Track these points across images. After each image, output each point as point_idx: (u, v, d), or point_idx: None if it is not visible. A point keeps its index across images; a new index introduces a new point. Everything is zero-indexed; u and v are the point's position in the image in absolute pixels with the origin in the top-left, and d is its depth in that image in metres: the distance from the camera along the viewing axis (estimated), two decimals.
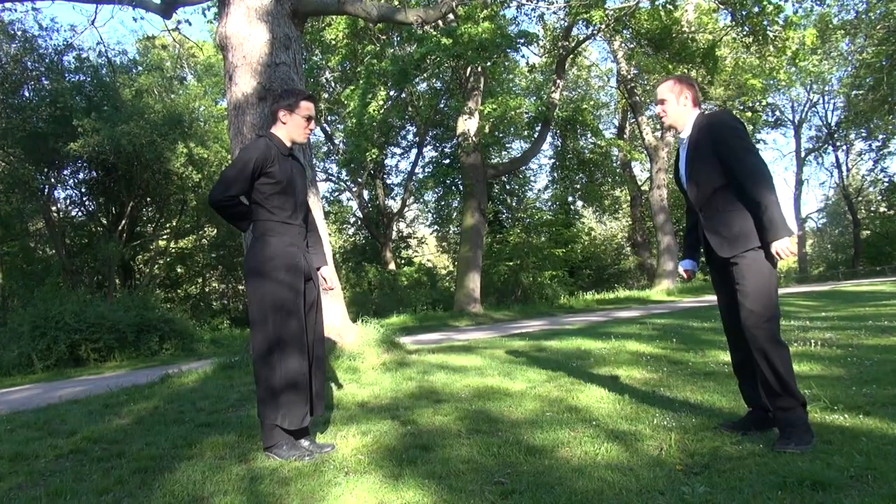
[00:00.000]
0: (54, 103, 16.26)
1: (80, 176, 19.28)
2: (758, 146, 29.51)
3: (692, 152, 3.19)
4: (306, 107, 3.44)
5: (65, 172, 18.66)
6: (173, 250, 23.04)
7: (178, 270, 24.23)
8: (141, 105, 16.63)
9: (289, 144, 3.47)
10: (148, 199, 20.01)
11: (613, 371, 5.16)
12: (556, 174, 28.50)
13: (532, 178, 30.74)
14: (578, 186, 28.41)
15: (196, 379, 6.05)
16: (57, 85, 16.62)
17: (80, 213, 20.39)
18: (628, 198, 31.13)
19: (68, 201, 20.12)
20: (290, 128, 3.44)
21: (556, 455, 3.00)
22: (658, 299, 20.12)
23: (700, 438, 3.09)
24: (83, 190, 19.66)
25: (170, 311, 15.42)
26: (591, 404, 3.99)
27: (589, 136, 25.23)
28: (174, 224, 21.73)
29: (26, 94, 17.08)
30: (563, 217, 27.46)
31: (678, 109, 3.26)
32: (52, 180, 18.29)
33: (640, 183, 30.37)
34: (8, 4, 14.10)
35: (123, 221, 19.03)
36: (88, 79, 17.51)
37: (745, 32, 17.93)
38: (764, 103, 29.12)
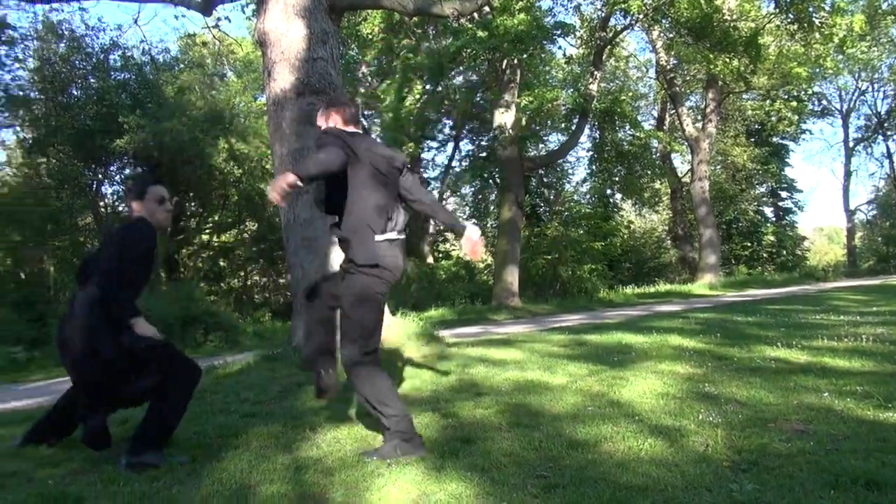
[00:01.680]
0: (101, 101, 16.69)
1: (126, 172, 19.77)
2: (803, 136, 28.65)
3: None
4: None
5: (111, 168, 19.15)
6: (216, 244, 23.48)
7: (221, 264, 24.65)
8: (183, 102, 16.96)
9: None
10: (191, 194, 20.40)
11: (656, 366, 5.09)
12: (594, 166, 28.14)
13: (570, 171, 30.39)
14: (617, 179, 27.99)
15: (240, 370, 6.17)
16: (103, 83, 17.06)
17: (126, 208, 20.88)
18: (668, 190, 30.56)
19: (115, 197, 20.68)
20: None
21: (599, 450, 2.98)
22: (700, 293, 19.76)
23: (747, 435, 3.04)
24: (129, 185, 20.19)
25: (214, 304, 15.75)
26: (634, 399, 3.95)
27: (627, 127, 24.84)
28: (216, 218, 22.14)
29: (74, 92, 17.56)
30: (602, 210, 27.10)
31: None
32: (100, 176, 18.79)
33: (680, 175, 29.80)
34: (55, 5, 14.52)
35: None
36: (133, 77, 17.92)
37: (789, 19, 17.42)
38: (810, 92, 28.27)
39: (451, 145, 27.29)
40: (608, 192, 29.44)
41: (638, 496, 2.35)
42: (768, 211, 32.66)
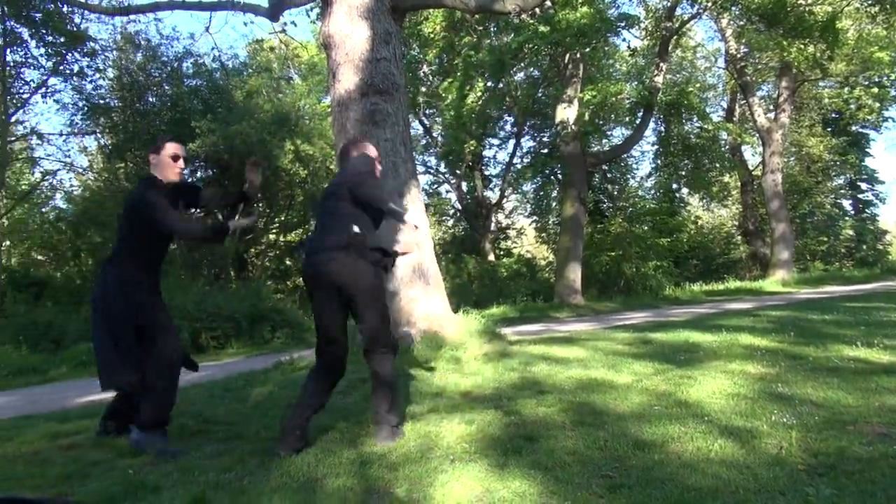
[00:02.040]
0: (174, 107, 17.39)
1: (199, 175, 20.52)
2: (885, 124, 27.11)
3: None
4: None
5: (185, 172, 19.92)
6: (282, 243, 24.10)
7: (287, 263, 25.29)
8: (251, 105, 17.47)
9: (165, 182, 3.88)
10: (258, 195, 21.00)
11: (725, 365, 4.93)
12: (659, 161, 27.46)
13: (634, 166, 29.69)
14: (684, 173, 27.22)
15: (306, 366, 6.31)
16: (177, 90, 17.76)
17: (198, 210, 21.68)
18: (738, 184, 29.53)
19: None
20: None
21: (666, 450, 2.91)
22: (773, 290, 19.04)
23: (824, 438, 2.91)
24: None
25: (280, 302, 16.17)
26: (702, 399, 3.84)
27: (695, 120, 24.11)
28: (283, 218, 22.72)
29: (150, 99, 18.36)
30: (668, 205, 26.41)
31: None
32: None
33: (751, 168, 28.75)
34: (133, 17, 15.20)
35: (237, 216, 20.10)
36: (204, 83, 18.59)
37: (870, 1, 16.52)
38: (893, 77, 26.75)
39: (512, 142, 27.16)
40: (674, 186, 28.66)
41: (707, 498, 2.29)
42: (846, 204, 31.14)
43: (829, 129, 28.56)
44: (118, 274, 3.62)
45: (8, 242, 18.91)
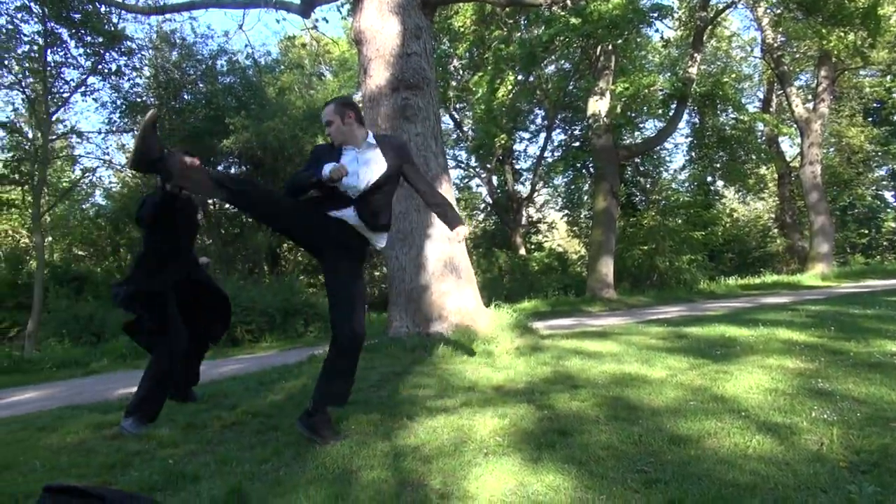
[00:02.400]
0: (209, 104, 17.68)
1: (233, 170, 20.86)
2: None
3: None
4: None
5: (219, 168, 20.27)
6: None
7: None
8: (284, 102, 17.67)
9: None
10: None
11: (763, 360, 4.84)
12: (693, 153, 27.03)
13: (667, 159, 29.32)
14: (719, 165, 26.76)
15: None
16: (211, 87, 18.05)
17: (232, 206, 22.04)
18: (775, 176, 28.93)
19: None
20: None
21: (703, 445, 2.88)
22: (811, 284, 18.63)
23: (867, 434, 2.84)
24: None
25: (313, 296, 16.35)
26: (739, 394, 3.78)
27: (730, 111, 23.64)
28: None
29: (186, 97, 18.68)
30: (702, 198, 25.99)
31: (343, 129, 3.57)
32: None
33: (789, 159, 28.13)
34: (168, 15, 15.46)
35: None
36: (238, 80, 18.86)
37: None
38: None
39: (543, 136, 26.99)
40: (709, 179, 28.21)
41: (746, 494, 2.26)
42: (888, 195, 30.30)
43: (870, 119, 27.80)
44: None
45: (50, 238, 19.43)
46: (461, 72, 22.80)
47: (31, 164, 15.61)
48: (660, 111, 22.70)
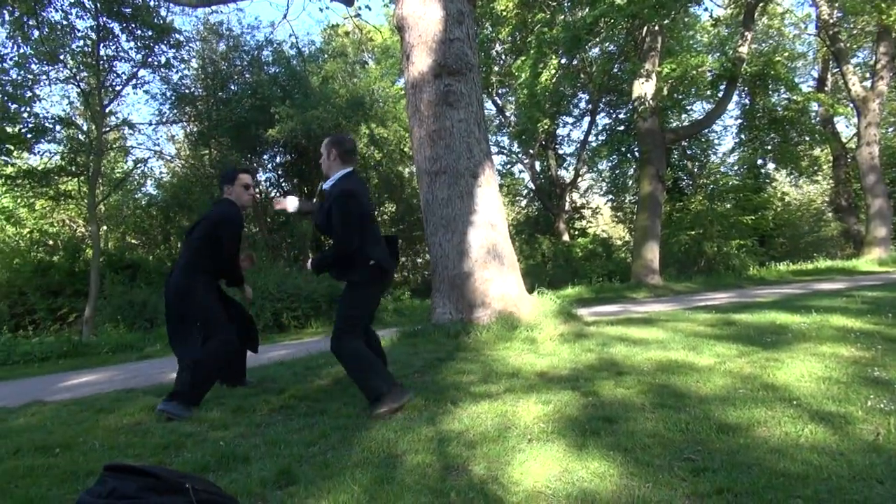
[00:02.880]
0: (255, 94, 17.94)
1: (278, 159, 21.20)
2: None
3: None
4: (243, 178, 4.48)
5: (265, 157, 20.62)
6: None
7: None
8: (327, 90, 17.82)
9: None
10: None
11: (816, 348, 4.71)
12: (743, 135, 26.28)
13: (716, 141, 28.60)
14: (770, 147, 25.95)
15: (383, 345, 6.43)
16: (257, 77, 18.32)
17: (277, 194, 22.47)
18: (830, 158, 27.93)
19: (268, 183, 22.24)
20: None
21: (752, 434, 2.82)
22: (868, 270, 17.99)
23: None
24: (280, 172, 21.65)
25: None
26: (791, 382, 3.69)
27: (782, 91, 22.92)
28: None
29: (232, 87, 19.01)
30: (752, 182, 25.29)
31: (328, 163, 4.14)
32: (255, 164, 20.27)
33: (844, 140, 27.10)
34: (215, 7, 15.73)
35: (314, 200, 20.64)
36: (282, 70, 19.08)
37: None
38: None
39: (587, 120, 26.59)
40: (759, 162, 27.37)
41: (798, 484, 2.21)
42: None
43: None
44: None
45: (105, 227, 20.07)
46: (503, 56, 22.62)
47: (87, 155, 16.12)
48: (708, 93, 22.13)
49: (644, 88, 17.13)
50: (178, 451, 3.16)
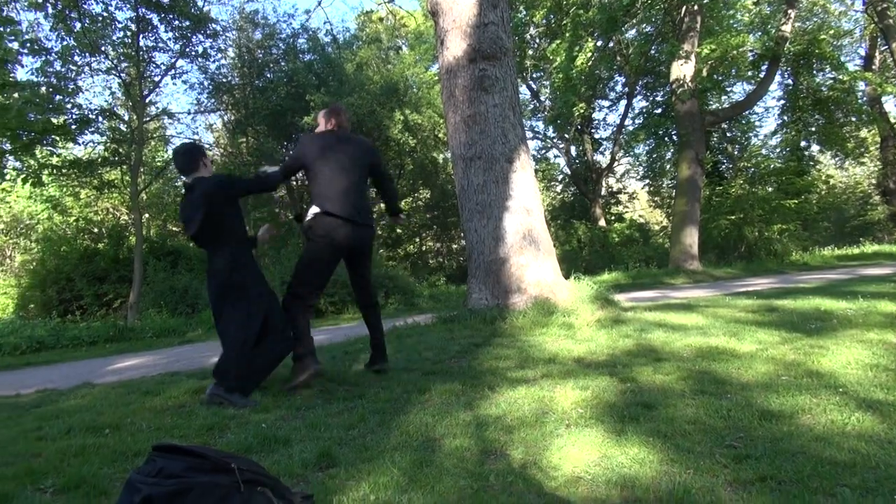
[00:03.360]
0: (290, 82, 18.12)
1: None
2: None
3: None
4: None
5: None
6: None
7: (398, 231, 25.95)
8: (362, 77, 17.88)
9: None
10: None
11: (862, 334, 4.59)
12: (786, 117, 25.59)
13: (757, 123, 27.80)
14: (814, 129, 25.23)
15: (420, 331, 6.49)
16: (292, 65, 18.47)
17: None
18: (878, 139, 27.02)
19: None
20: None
21: (796, 422, 2.77)
22: None
23: None
24: None
25: (392, 269, 16.66)
26: (836, 370, 3.61)
27: (827, 70, 22.23)
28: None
29: (268, 75, 19.21)
30: (795, 164, 24.64)
31: None
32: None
33: (893, 121, 26.18)
34: None
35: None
36: (317, 57, 19.21)
37: None
38: None
39: (623, 103, 26.21)
40: (803, 144, 26.64)
41: (844, 472, 2.17)
42: None
43: None
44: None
45: (147, 215, 20.53)
46: (538, 40, 22.37)
47: (129, 145, 16.49)
48: (749, 73, 21.58)
49: (682, 70, 16.78)
50: (221, 433, 3.23)
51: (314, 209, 4.20)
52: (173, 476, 1.78)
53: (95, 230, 19.84)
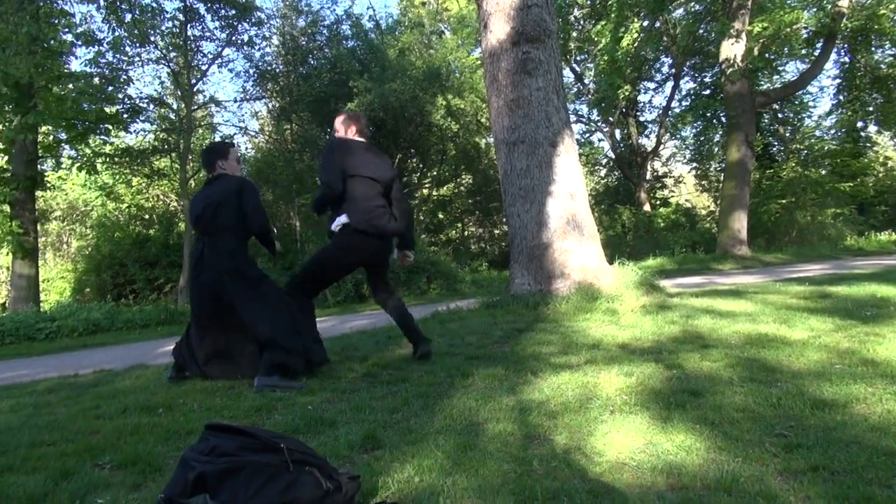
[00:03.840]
0: (333, 69, 18.23)
1: None
2: None
3: None
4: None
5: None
6: (435, 197, 24.74)
7: (440, 216, 26.00)
8: (404, 63, 17.87)
9: None
10: (412, 150, 21.62)
11: None
12: (842, 96, 24.64)
13: (811, 104, 26.89)
14: (871, 108, 24.23)
15: (462, 316, 6.51)
16: (336, 51, 18.59)
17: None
18: None
19: None
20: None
21: (850, 411, 2.69)
22: None
23: None
24: None
25: (435, 254, 16.72)
26: (893, 358, 3.48)
27: (887, 46, 21.28)
28: (435, 173, 23.27)
29: (312, 62, 19.37)
30: (851, 146, 23.76)
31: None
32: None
33: None
34: None
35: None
36: (360, 43, 19.27)
37: None
38: None
39: (670, 85, 25.61)
40: (859, 124, 25.62)
41: None
42: None
43: None
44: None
45: None
46: (582, 21, 21.99)
47: (177, 133, 16.88)
48: (803, 51, 20.82)
49: (733, 49, 16.30)
50: (269, 414, 3.31)
51: (343, 219, 4.21)
52: (226, 454, 1.84)
53: (147, 217, 20.42)
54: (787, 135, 25.16)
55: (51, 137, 15.37)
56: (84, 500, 2.22)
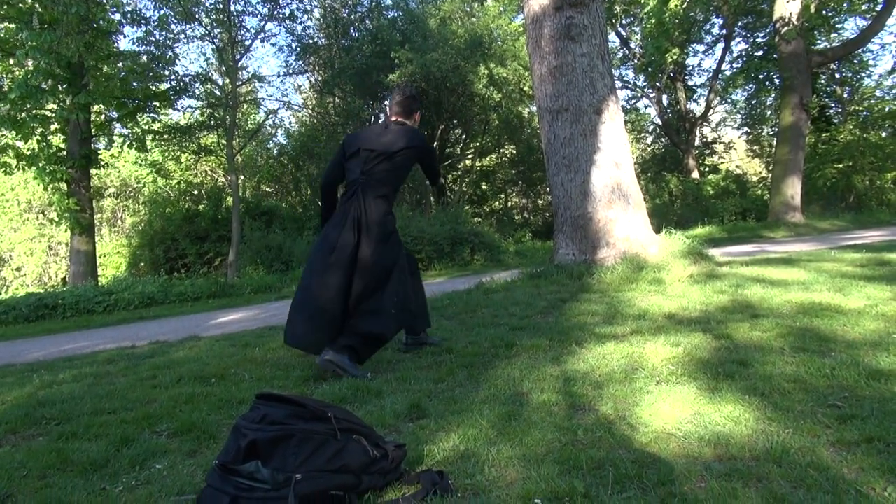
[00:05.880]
0: (374, 40, 18.17)
1: None
2: None
3: None
4: None
5: (385, 103, 20.98)
6: (478, 168, 24.61)
7: (483, 187, 25.88)
8: (445, 32, 17.67)
9: None
10: (454, 121, 21.49)
11: None
12: None
13: (871, 62, 25.60)
14: None
15: (506, 286, 6.50)
16: (377, 23, 18.50)
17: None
18: None
19: None
20: None
21: None
22: None
23: None
24: None
25: (478, 225, 16.69)
26: None
27: None
28: (478, 143, 23.11)
29: (353, 34, 19.34)
30: None
31: None
32: (377, 110, 20.70)
33: None
34: None
35: (435, 143, 20.82)
36: (401, 13, 19.13)
37: None
38: None
39: (720, 47, 24.70)
40: None
41: None
42: None
43: None
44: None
45: (242, 177, 21.40)
46: None
47: (223, 109, 17.14)
48: (864, 7, 19.79)
49: (788, 7, 15.61)
50: (317, 384, 3.39)
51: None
52: (276, 423, 1.89)
53: (195, 192, 20.91)
54: (845, 96, 24.07)
55: (102, 116, 15.79)
56: (143, 465, 2.33)
